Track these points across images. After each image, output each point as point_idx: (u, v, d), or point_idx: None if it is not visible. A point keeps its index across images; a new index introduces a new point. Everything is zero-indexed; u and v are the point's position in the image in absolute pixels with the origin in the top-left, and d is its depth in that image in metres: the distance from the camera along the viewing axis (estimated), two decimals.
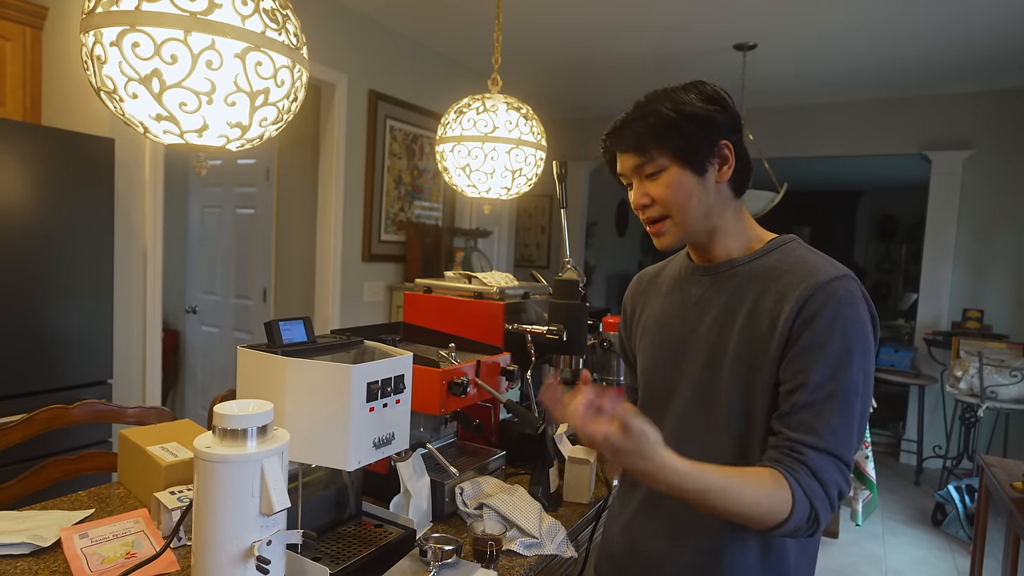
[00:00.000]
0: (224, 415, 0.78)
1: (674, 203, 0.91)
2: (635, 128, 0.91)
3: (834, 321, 0.82)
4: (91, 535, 1.03)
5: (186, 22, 0.80)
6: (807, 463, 0.80)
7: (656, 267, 1.12)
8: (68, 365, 2.09)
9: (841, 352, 0.81)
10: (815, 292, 0.83)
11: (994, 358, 3.57)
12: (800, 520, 0.79)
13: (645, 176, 0.93)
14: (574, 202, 5.60)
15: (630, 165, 0.94)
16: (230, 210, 3.67)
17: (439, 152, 1.65)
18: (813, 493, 0.79)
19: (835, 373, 0.81)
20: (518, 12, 3.16)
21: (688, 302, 0.98)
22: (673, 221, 0.92)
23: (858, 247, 8.47)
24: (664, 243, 0.95)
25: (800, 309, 0.84)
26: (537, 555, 1.10)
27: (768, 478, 0.80)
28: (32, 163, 1.95)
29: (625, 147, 0.93)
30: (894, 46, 3.39)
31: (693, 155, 0.89)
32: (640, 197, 0.94)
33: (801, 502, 0.78)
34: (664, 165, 0.90)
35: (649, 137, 0.90)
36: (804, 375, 0.82)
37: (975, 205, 4.17)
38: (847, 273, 0.86)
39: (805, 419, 0.81)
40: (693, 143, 0.89)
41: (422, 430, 1.28)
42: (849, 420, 0.81)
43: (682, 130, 0.88)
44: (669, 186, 0.90)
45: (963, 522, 3.23)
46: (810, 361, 0.82)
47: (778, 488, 0.79)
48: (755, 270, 0.92)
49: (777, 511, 0.78)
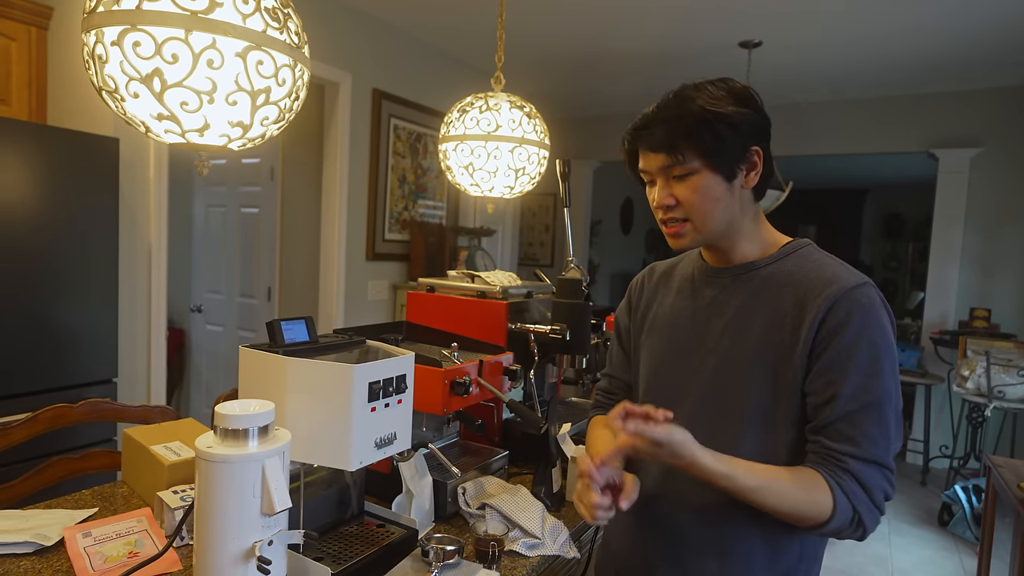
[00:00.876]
0: (225, 415, 0.78)
1: (700, 208, 0.89)
2: (668, 127, 0.87)
3: (861, 331, 0.82)
4: (94, 534, 1.03)
5: (187, 21, 0.80)
6: (850, 470, 0.81)
7: (669, 263, 1.11)
8: (73, 364, 2.10)
9: (871, 361, 0.82)
10: (839, 300, 0.83)
11: (1001, 357, 3.54)
12: (842, 522, 0.80)
13: (672, 176, 0.90)
14: (578, 201, 5.59)
15: (658, 164, 0.90)
16: (234, 209, 3.68)
17: (442, 151, 1.65)
18: (856, 497, 0.80)
19: (868, 382, 0.82)
20: (521, 10, 3.16)
21: (700, 303, 0.97)
22: (694, 225, 0.90)
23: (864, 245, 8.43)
24: (680, 244, 0.94)
25: (824, 318, 0.83)
26: (539, 556, 1.09)
27: (809, 479, 0.81)
28: (37, 163, 1.96)
29: (655, 146, 0.89)
30: (900, 43, 3.37)
31: (725, 160, 0.87)
32: (665, 198, 0.90)
33: (842, 505, 0.80)
34: (695, 168, 0.87)
35: (683, 138, 0.86)
36: (836, 386, 0.82)
37: (982, 203, 4.14)
38: (867, 280, 0.86)
39: (843, 430, 0.82)
40: (726, 148, 0.86)
41: (424, 430, 1.27)
42: (886, 427, 0.82)
43: (718, 134, 0.86)
44: (697, 190, 0.88)
45: (970, 522, 3.21)
46: (841, 372, 0.82)
47: (818, 490, 0.80)
48: (771, 274, 0.91)
49: (817, 512, 0.80)
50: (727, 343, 0.91)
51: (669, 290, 1.04)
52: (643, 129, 0.91)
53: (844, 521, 0.80)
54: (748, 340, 0.89)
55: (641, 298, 1.09)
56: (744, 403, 0.88)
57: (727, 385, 0.90)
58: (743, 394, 0.88)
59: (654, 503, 0.96)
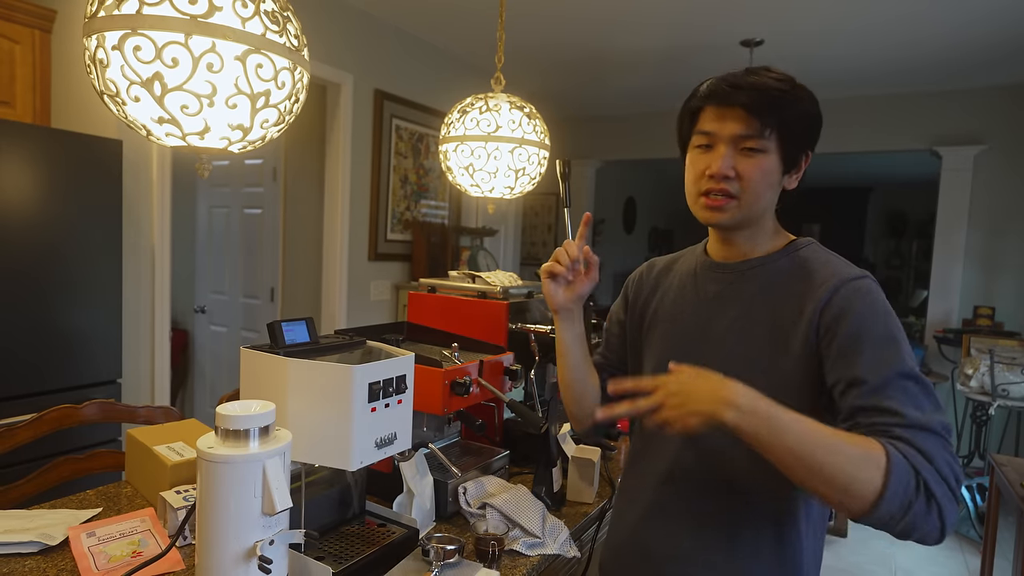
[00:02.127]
0: (226, 416, 0.78)
1: (756, 189, 0.87)
2: (768, 95, 0.84)
3: (865, 312, 0.80)
4: (98, 534, 1.04)
5: (187, 25, 0.81)
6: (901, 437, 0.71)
7: (668, 258, 1.11)
8: (78, 365, 2.11)
9: (884, 337, 0.79)
10: (838, 289, 0.83)
11: (1005, 356, 3.53)
12: (900, 490, 0.67)
13: (743, 148, 0.86)
14: (580, 200, 5.58)
15: (735, 129, 0.85)
16: (238, 210, 3.69)
17: (442, 152, 1.65)
18: (915, 460, 0.69)
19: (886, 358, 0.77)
20: (522, 10, 3.16)
21: (702, 298, 0.97)
22: (740, 204, 0.88)
23: (868, 243, 8.40)
24: (718, 219, 0.90)
25: (824, 308, 0.83)
26: (540, 555, 1.10)
27: (858, 437, 0.71)
28: (41, 165, 1.97)
29: (747, 108, 0.84)
30: (903, 41, 3.36)
31: (795, 154, 0.88)
32: (727, 168, 0.86)
33: (899, 465, 0.68)
34: (769, 148, 0.85)
35: (777, 111, 0.84)
36: (855, 368, 0.78)
37: (986, 201, 4.12)
38: (867, 274, 0.86)
39: (875, 405, 0.75)
40: (802, 142, 0.88)
41: (425, 430, 1.28)
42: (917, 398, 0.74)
43: (809, 125, 0.87)
44: (762, 169, 0.86)
45: (974, 521, 3.20)
46: (855, 356, 0.78)
47: (870, 446, 0.69)
48: (774, 271, 0.92)
49: (869, 475, 0.67)
50: (731, 339, 0.91)
51: (670, 285, 1.04)
52: (736, 87, 0.85)
53: (901, 489, 0.67)
54: (751, 336, 0.89)
55: (640, 292, 1.09)
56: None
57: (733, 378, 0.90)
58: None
59: (659, 498, 0.96)
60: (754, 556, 0.89)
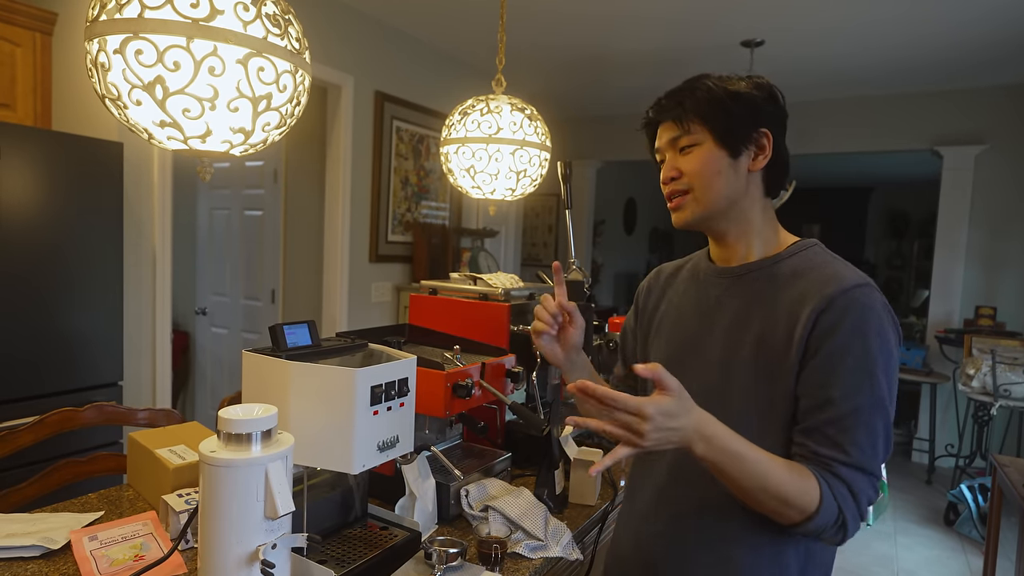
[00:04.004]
0: (228, 419, 0.78)
1: (700, 178, 0.90)
2: (679, 99, 0.91)
3: (854, 331, 0.80)
4: (100, 537, 1.04)
5: (188, 29, 0.81)
6: (839, 475, 0.80)
7: (675, 264, 1.11)
8: (79, 367, 2.11)
9: (863, 364, 0.80)
10: (834, 299, 0.81)
11: (1007, 356, 3.53)
12: (826, 521, 0.78)
13: (679, 149, 0.92)
14: (581, 201, 5.58)
15: (667, 137, 0.93)
16: (238, 212, 3.69)
17: (443, 154, 1.65)
18: (843, 500, 0.79)
19: (859, 386, 0.79)
20: (522, 12, 3.16)
21: (704, 303, 0.97)
22: (694, 196, 0.91)
23: (869, 244, 8.40)
24: (682, 218, 0.94)
25: (818, 317, 0.81)
26: (542, 558, 1.10)
27: (799, 469, 0.80)
28: (43, 168, 1.97)
29: (666, 116, 0.93)
30: (903, 41, 3.36)
31: (731, 135, 0.89)
32: (669, 170, 0.93)
33: (828, 503, 0.78)
34: (700, 140, 0.90)
35: (691, 110, 0.89)
36: (826, 390, 0.80)
37: (987, 201, 4.12)
38: (868, 282, 0.83)
39: (831, 435, 0.80)
40: (733, 123, 0.88)
41: (427, 432, 1.28)
42: (874, 436, 0.80)
43: (725, 107, 0.88)
44: (700, 160, 0.90)
45: (976, 522, 3.19)
46: (832, 375, 0.80)
47: (808, 481, 0.79)
48: (773, 274, 0.91)
49: (805, 503, 0.78)
50: (727, 344, 0.90)
51: (676, 291, 1.04)
52: (657, 103, 0.95)
53: (828, 520, 0.78)
54: (746, 341, 0.88)
55: (648, 300, 1.10)
56: (741, 406, 0.87)
57: (725, 387, 0.89)
58: (740, 396, 0.88)
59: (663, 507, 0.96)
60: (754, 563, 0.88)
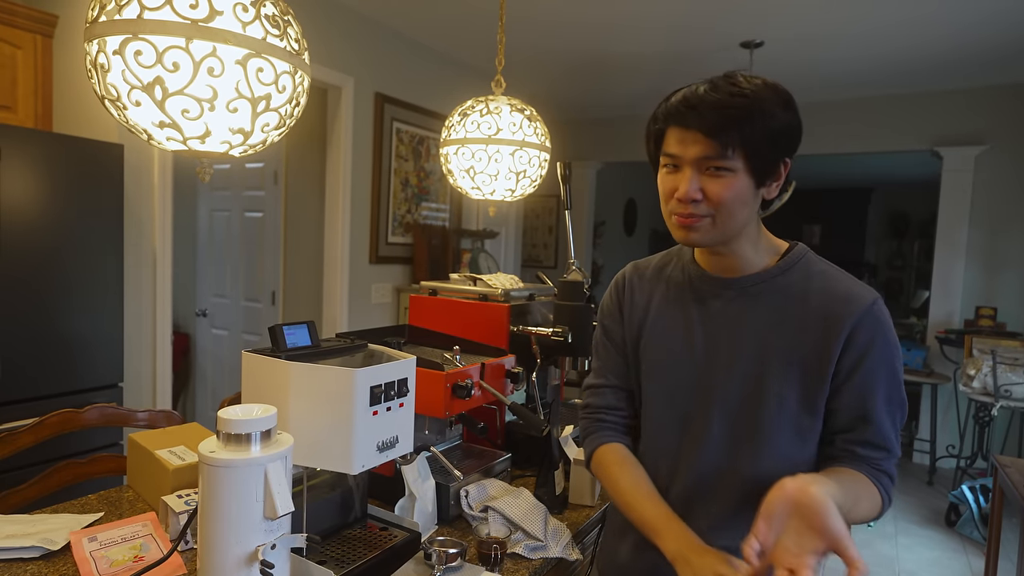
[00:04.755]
0: (228, 420, 0.78)
1: (726, 208, 0.83)
2: (724, 114, 0.79)
3: (884, 349, 0.87)
4: (100, 538, 1.04)
5: (188, 30, 0.81)
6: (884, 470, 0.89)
7: (654, 265, 1.04)
8: (79, 368, 2.11)
9: (892, 378, 0.88)
10: (862, 320, 0.86)
11: (1008, 356, 3.52)
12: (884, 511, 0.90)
13: (707, 169, 0.82)
14: (581, 202, 5.59)
15: (698, 152, 0.82)
16: (239, 213, 3.70)
17: (443, 155, 1.65)
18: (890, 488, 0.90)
19: (891, 395, 0.89)
20: (522, 13, 3.16)
21: (706, 315, 0.94)
22: (714, 222, 0.85)
23: (869, 244, 8.39)
24: (692, 239, 0.87)
25: (849, 337, 0.86)
26: (542, 558, 1.09)
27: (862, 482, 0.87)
28: (43, 169, 1.97)
29: (705, 129, 0.80)
30: (903, 41, 3.36)
31: (765, 168, 0.83)
32: (694, 191, 0.83)
33: (886, 500, 0.90)
34: (735, 167, 0.81)
35: (736, 131, 0.79)
36: (869, 403, 0.87)
37: (988, 201, 4.12)
38: (876, 295, 0.89)
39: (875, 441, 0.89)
40: (772, 157, 0.83)
41: (427, 433, 1.28)
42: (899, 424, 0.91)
43: (775, 143, 0.82)
44: (731, 189, 0.82)
45: (977, 523, 3.19)
46: (871, 390, 0.87)
47: (871, 490, 0.88)
48: (782, 287, 0.90)
49: (875, 512, 0.89)
50: (747, 358, 0.89)
51: (665, 297, 0.99)
52: (692, 109, 0.81)
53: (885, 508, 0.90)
54: (770, 355, 0.88)
55: (633, 301, 1.02)
56: (769, 418, 0.88)
57: (749, 401, 0.89)
58: (767, 409, 0.88)
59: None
60: None
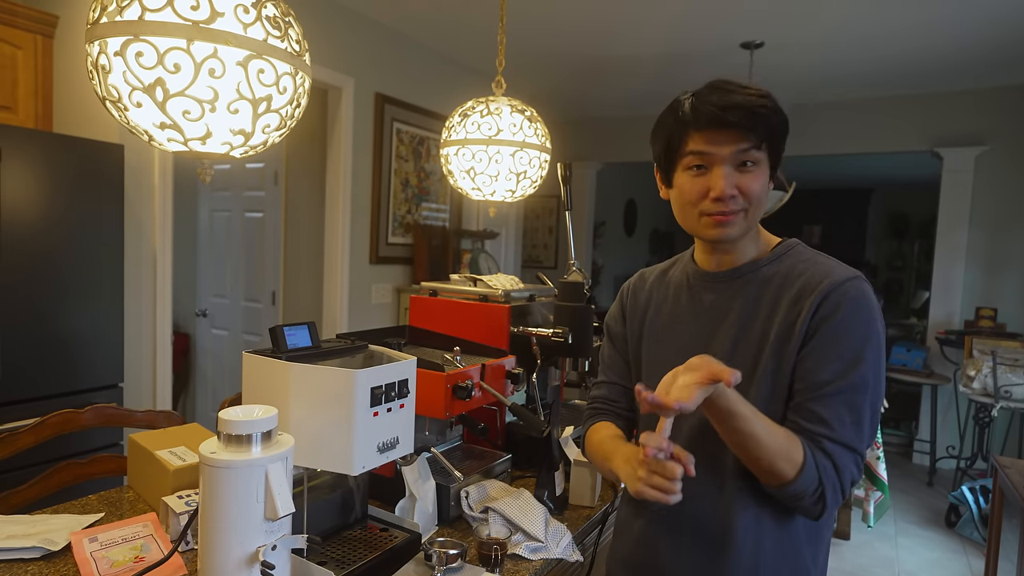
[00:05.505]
0: (228, 421, 0.78)
1: (758, 199, 0.89)
2: (759, 113, 0.85)
3: (848, 320, 0.84)
4: (101, 539, 1.04)
5: (189, 31, 0.81)
6: (823, 449, 0.83)
7: (659, 269, 1.11)
8: (79, 368, 2.11)
9: (854, 350, 0.84)
10: (830, 292, 0.85)
11: (1008, 357, 3.52)
12: (805, 487, 0.81)
13: (739, 164, 0.87)
14: (581, 203, 5.59)
15: (734, 147, 0.86)
16: (239, 214, 3.70)
17: (443, 155, 1.66)
18: (824, 471, 0.82)
19: (847, 370, 0.84)
20: (523, 14, 3.16)
21: (699, 309, 0.97)
22: (746, 215, 0.90)
23: (869, 245, 8.40)
24: (727, 234, 0.90)
25: (816, 309, 0.86)
26: (542, 559, 1.10)
27: (789, 434, 0.83)
28: (44, 170, 1.98)
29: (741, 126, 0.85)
30: (904, 42, 3.36)
31: (776, 160, 0.92)
32: (730, 187, 0.86)
33: (810, 469, 0.81)
34: (761, 160, 0.89)
35: (768, 127, 0.86)
36: (817, 372, 0.84)
37: (988, 202, 4.12)
38: (858, 274, 0.88)
39: (818, 411, 0.84)
40: (781, 150, 0.92)
41: (427, 433, 1.28)
42: (859, 415, 0.84)
43: (784, 135, 0.90)
44: (760, 181, 0.89)
45: (977, 524, 3.19)
46: (823, 360, 0.84)
47: (794, 446, 0.82)
48: (767, 276, 0.93)
49: (788, 465, 0.81)
50: (731, 347, 0.91)
51: (665, 297, 1.04)
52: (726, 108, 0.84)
53: (807, 487, 0.81)
54: (751, 343, 0.90)
55: (636, 304, 1.08)
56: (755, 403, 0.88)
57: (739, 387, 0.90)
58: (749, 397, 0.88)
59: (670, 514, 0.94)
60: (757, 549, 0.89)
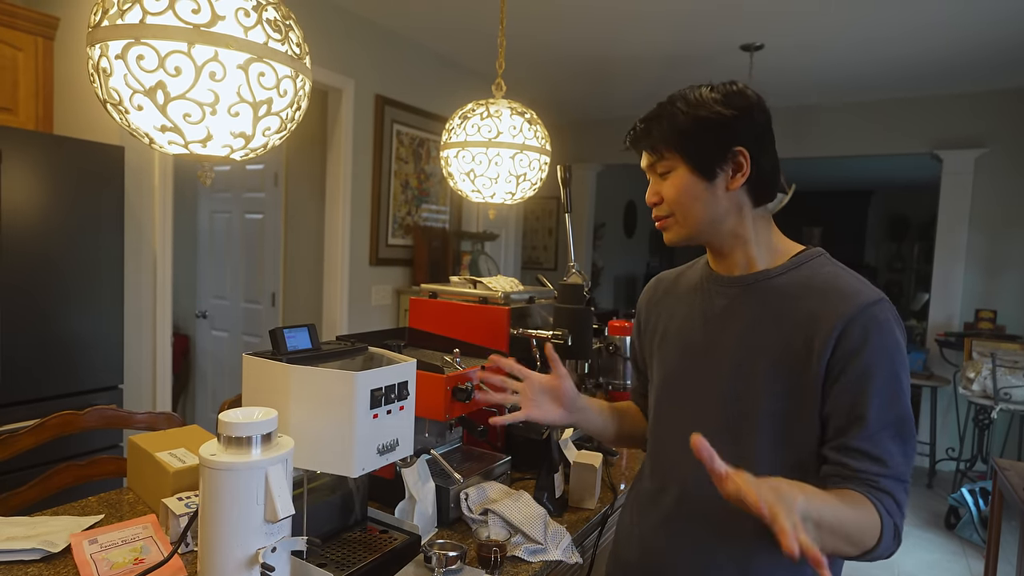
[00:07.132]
0: (228, 423, 0.78)
1: (679, 205, 0.92)
2: (650, 127, 0.93)
3: (879, 351, 0.82)
4: (100, 541, 1.04)
5: (190, 34, 0.81)
6: (884, 489, 0.81)
7: (674, 272, 1.11)
8: (80, 370, 2.11)
9: (890, 381, 0.82)
10: (854, 319, 0.83)
11: (1008, 359, 3.52)
12: (889, 543, 0.80)
13: (658, 173, 0.94)
14: (581, 204, 5.59)
15: (645, 162, 0.97)
16: (239, 215, 3.70)
17: (443, 158, 1.66)
18: (894, 514, 0.81)
19: (889, 403, 0.82)
20: (523, 16, 3.17)
21: (711, 313, 0.96)
22: (676, 220, 0.94)
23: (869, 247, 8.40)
24: (669, 238, 0.97)
25: (840, 336, 0.83)
26: (542, 561, 1.10)
27: (855, 499, 0.80)
28: (44, 171, 1.98)
29: (639, 145, 0.96)
30: (904, 45, 3.37)
31: (702, 161, 0.89)
32: (651, 195, 0.96)
33: (887, 523, 0.80)
34: (673, 166, 0.92)
35: (660, 139, 0.92)
36: (860, 408, 0.82)
37: (987, 204, 4.12)
38: (882, 296, 0.85)
39: (869, 451, 0.82)
40: (703, 148, 0.89)
41: (427, 435, 1.28)
42: (905, 445, 0.83)
43: (693, 135, 0.89)
44: (676, 187, 0.92)
45: (977, 526, 3.19)
46: (863, 395, 0.82)
47: (866, 510, 0.79)
48: (783, 285, 0.90)
49: (870, 534, 0.78)
50: (740, 353, 0.90)
51: (679, 300, 1.04)
52: (633, 130, 0.97)
53: (889, 540, 0.79)
54: (761, 351, 0.88)
55: (649, 313, 1.09)
56: (758, 414, 0.88)
57: (741, 396, 0.89)
58: (757, 405, 0.88)
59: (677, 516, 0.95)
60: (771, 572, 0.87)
